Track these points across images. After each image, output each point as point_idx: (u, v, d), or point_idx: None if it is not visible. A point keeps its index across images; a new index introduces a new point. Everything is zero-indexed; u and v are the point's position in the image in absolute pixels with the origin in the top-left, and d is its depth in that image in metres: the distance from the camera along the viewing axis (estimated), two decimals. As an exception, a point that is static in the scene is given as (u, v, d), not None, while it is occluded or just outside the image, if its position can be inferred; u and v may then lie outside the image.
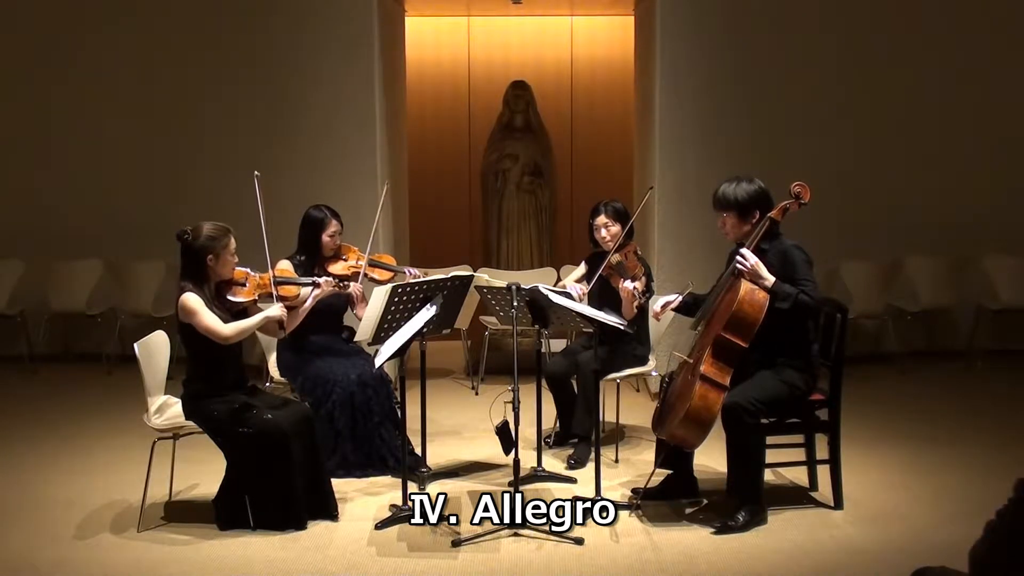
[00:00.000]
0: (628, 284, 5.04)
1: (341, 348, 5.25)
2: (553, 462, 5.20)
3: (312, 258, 5.28)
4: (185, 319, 4.22)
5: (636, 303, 5.07)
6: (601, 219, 5.39)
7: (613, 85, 9.32)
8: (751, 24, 7.30)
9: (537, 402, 5.10)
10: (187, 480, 4.86)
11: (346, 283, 4.96)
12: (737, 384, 4.24)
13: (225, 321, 4.26)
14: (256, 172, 4.68)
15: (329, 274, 5.09)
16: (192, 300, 4.20)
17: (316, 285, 4.61)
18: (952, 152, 7.93)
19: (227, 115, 7.82)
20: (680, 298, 4.63)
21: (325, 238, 5.28)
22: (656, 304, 4.60)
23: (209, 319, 4.19)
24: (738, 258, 4.28)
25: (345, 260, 5.37)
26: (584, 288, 5.32)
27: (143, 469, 4.46)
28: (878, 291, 7.58)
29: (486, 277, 5.16)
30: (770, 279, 4.22)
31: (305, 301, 4.64)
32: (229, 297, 4.37)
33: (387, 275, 5.42)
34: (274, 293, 4.45)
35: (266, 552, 4.06)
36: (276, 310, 4.38)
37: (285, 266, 5.16)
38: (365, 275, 5.32)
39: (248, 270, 4.49)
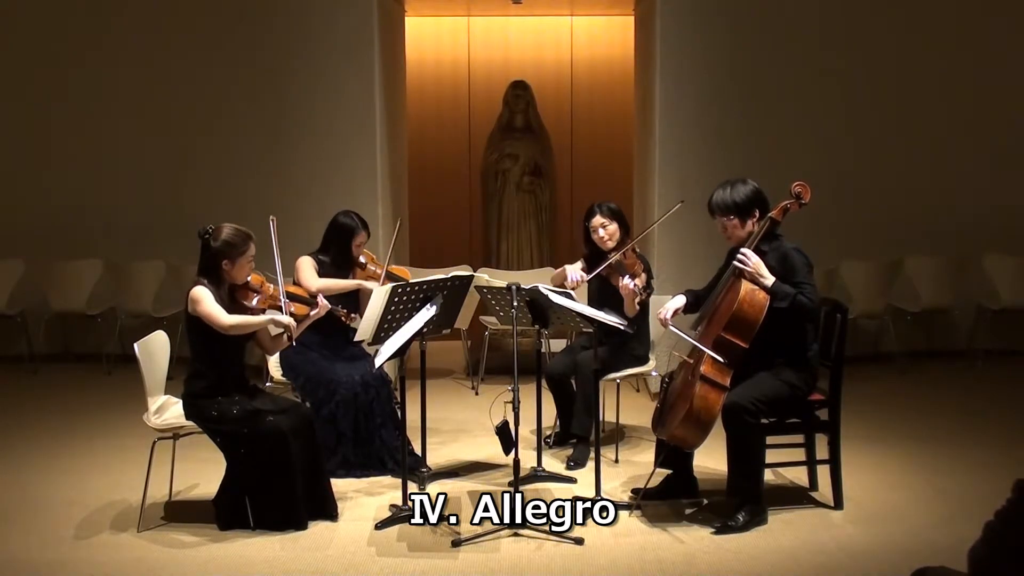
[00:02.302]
0: (628, 281, 5.04)
1: (343, 349, 5.24)
2: (553, 462, 5.20)
3: (343, 264, 5.26)
4: (191, 309, 4.23)
5: (638, 300, 5.06)
6: (597, 220, 5.38)
7: (613, 85, 9.32)
8: (751, 24, 7.30)
9: (537, 402, 5.10)
10: (187, 480, 4.86)
11: (353, 315, 4.94)
12: (737, 384, 4.24)
13: None
14: (272, 217, 4.62)
15: (350, 312, 5.00)
16: (200, 290, 4.22)
17: (315, 306, 4.58)
18: (952, 152, 7.94)
19: (227, 115, 7.83)
20: (685, 300, 4.62)
21: (353, 247, 5.27)
22: (666, 312, 4.57)
23: (212, 307, 4.19)
24: (739, 256, 4.28)
25: (363, 270, 5.36)
26: (584, 276, 5.30)
27: (143, 469, 4.45)
28: (878, 291, 7.58)
29: (486, 277, 5.16)
30: (770, 278, 4.22)
31: (308, 320, 4.60)
32: (242, 301, 4.37)
33: None
34: (283, 307, 4.42)
35: (266, 552, 4.06)
36: (286, 317, 4.36)
37: (307, 264, 5.16)
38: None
39: (265, 278, 4.49)
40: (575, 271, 5.30)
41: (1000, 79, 7.96)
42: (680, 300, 4.61)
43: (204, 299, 4.20)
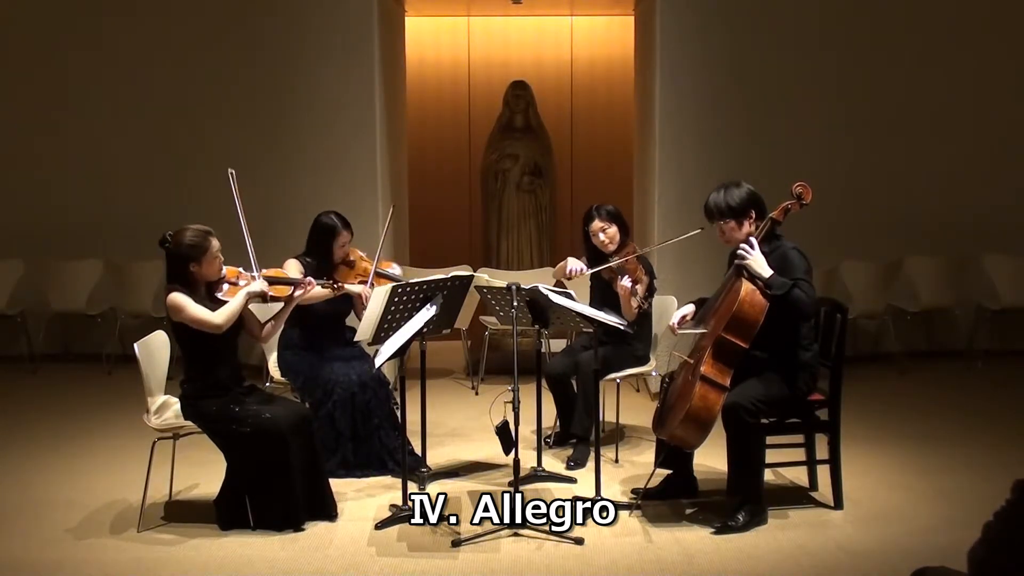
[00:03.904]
0: (625, 281, 5.03)
1: (342, 350, 5.24)
2: (553, 462, 5.20)
3: (324, 265, 5.25)
4: (176, 317, 4.22)
5: (635, 303, 5.06)
6: (597, 224, 5.37)
7: (613, 85, 9.32)
8: (751, 24, 7.30)
9: (537, 402, 5.10)
10: (187, 480, 4.86)
11: (338, 284, 4.94)
12: (737, 384, 4.24)
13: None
14: (231, 170, 4.59)
15: (336, 281, 5.03)
16: (178, 297, 4.20)
17: (300, 285, 4.58)
18: (952, 152, 7.93)
19: (227, 115, 7.82)
20: (694, 308, 4.60)
21: (335, 248, 5.26)
22: (674, 319, 4.56)
23: (198, 310, 4.18)
24: (742, 246, 4.26)
25: (352, 268, 5.34)
26: (584, 267, 5.29)
27: (143, 469, 4.46)
28: (878, 291, 7.57)
29: (486, 277, 5.16)
30: (768, 271, 4.22)
31: (294, 301, 4.60)
32: (220, 296, 4.35)
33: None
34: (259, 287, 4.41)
35: (266, 552, 4.06)
36: (258, 285, 4.34)
37: (294, 266, 5.15)
38: (372, 285, 5.27)
39: (241, 269, 4.48)
40: (576, 261, 5.31)
41: (999, 79, 7.96)
42: (689, 308, 4.59)
43: (186, 305, 4.18)
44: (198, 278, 4.30)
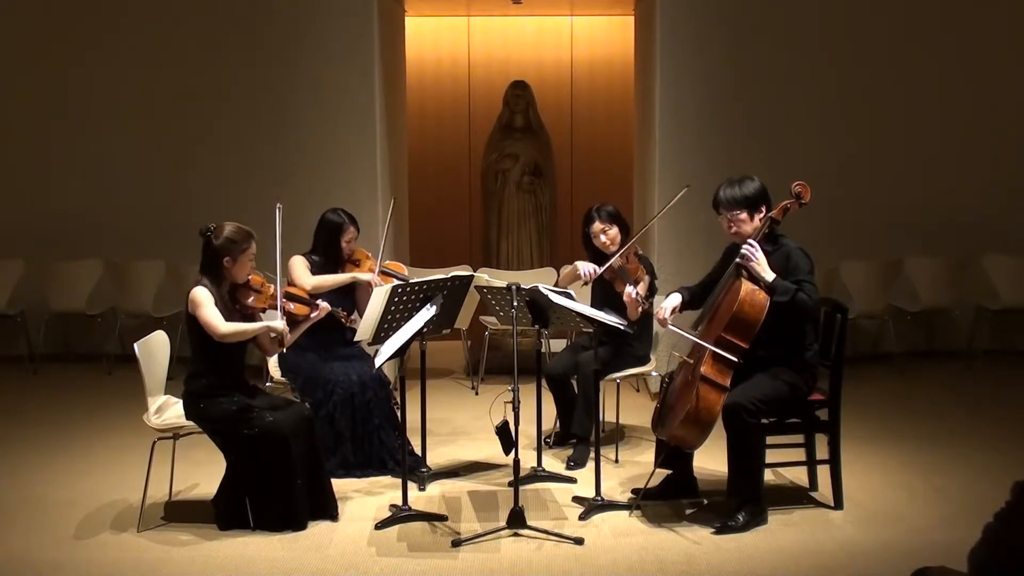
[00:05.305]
0: (631, 290, 5.03)
1: (342, 350, 5.25)
2: (553, 462, 5.20)
3: (332, 262, 5.27)
4: (191, 310, 4.23)
5: (640, 308, 5.07)
6: (597, 225, 5.37)
7: (613, 85, 9.33)
8: (751, 24, 7.30)
9: (537, 402, 5.10)
10: (187, 480, 4.86)
11: (352, 316, 4.96)
12: (737, 384, 4.23)
13: (231, 321, 4.26)
14: (279, 204, 4.61)
15: (348, 316, 5.03)
16: (201, 293, 4.22)
17: (315, 308, 4.60)
18: (952, 152, 7.93)
19: (227, 115, 7.82)
20: (681, 298, 4.61)
21: (342, 243, 5.28)
22: (664, 312, 4.56)
23: (211, 312, 4.19)
24: (745, 249, 4.25)
25: (358, 266, 5.36)
26: (597, 269, 5.25)
27: (143, 469, 4.46)
28: (878, 291, 7.58)
29: (486, 277, 5.16)
30: (771, 274, 4.22)
31: (309, 322, 4.62)
32: (242, 300, 4.37)
33: None
34: (279, 307, 4.42)
35: (266, 552, 4.06)
36: (279, 323, 4.37)
37: (300, 263, 5.16)
38: (378, 284, 5.29)
39: (265, 279, 4.49)
40: (587, 264, 5.29)
41: (999, 79, 7.95)
42: (676, 298, 4.60)
43: (204, 303, 4.20)
44: (227, 275, 4.31)
